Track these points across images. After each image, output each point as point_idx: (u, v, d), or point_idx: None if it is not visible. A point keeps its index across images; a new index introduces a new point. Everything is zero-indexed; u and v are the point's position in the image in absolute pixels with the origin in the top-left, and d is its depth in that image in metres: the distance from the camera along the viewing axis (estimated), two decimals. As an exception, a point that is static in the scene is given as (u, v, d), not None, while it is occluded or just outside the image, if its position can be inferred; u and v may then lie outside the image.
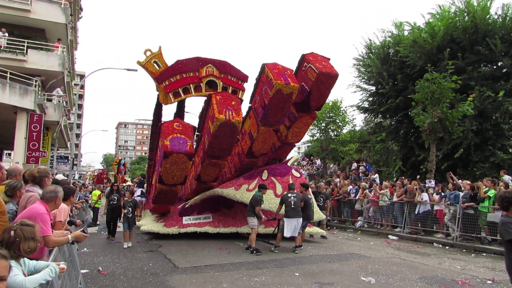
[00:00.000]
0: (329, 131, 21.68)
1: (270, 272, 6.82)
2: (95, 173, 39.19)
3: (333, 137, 21.73)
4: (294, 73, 9.48)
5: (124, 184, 20.63)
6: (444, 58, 16.53)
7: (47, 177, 4.57)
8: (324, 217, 11.37)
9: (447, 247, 10.22)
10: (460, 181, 11.71)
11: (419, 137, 17.26)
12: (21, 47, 16.78)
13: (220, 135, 8.95)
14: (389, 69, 19.27)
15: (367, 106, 21.70)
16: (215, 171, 10.35)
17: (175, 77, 11.36)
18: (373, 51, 20.96)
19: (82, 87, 54.49)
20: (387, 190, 13.27)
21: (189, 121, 10.27)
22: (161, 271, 6.77)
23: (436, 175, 15.05)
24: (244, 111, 10.09)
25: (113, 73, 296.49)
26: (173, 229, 10.27)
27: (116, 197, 10.44)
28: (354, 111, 22.54)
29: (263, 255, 8.25)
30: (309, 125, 11.67)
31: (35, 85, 16.03)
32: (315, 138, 23.55)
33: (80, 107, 58.11)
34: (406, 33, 19.80)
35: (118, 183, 11.20)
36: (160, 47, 11.97)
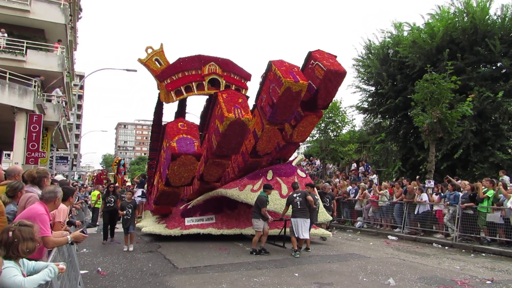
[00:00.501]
0: (329, 131, 21.71)
1: (269, 272, 6.82)
2: (95, 174, 39.17)
3: (333, 138, 21.76)
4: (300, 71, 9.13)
5: (124, 184, 20.59)
6: (443, 58, 16.56)
7: (46, 178, 4.57)
8: (331, 218, 10.80)
9: (446, 247, 10.23)
10: (459, 182, 11.72)
11: (419, 137, 17.27)
12: (20, 48, 16.78)
13: (229, 134, 8.67)
14: (389, 70, 19.29)
15: (367, 106, 21.73)
16: (219, 171, 10.09)
17: (177, 75, 11.15)
18: (373, 51, 20.98)
19: (81, 88, 54.45)
20: (387, 190, 13.28)
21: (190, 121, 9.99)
22: (161, 272, 6.76)
23: (435, 176, 15.07)
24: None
25: (113, 74, 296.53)
26: (175, 231, 9.95)
27: (113, 199, 9.97)
28: (353, 111, 22.62)
29: (262, 256, 8.25)
30: (315, 124, 11.29)
31: (35, 86, 16.02)
32: (314, 138, 23.59)
33: (79, 107, 58.07)
34: (405, 34, 19.83)
35: (114, 185, 10.86)
36: (161, 45, 11.75)
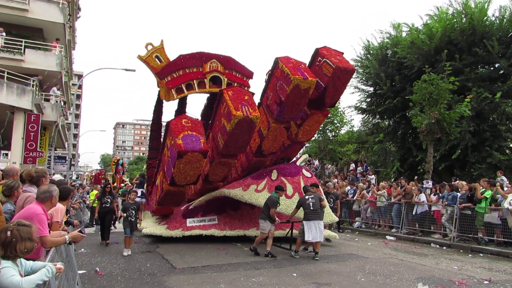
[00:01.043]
0: (327, 131, 21.71)
1: (268, 272, 6.82)
2: (93, 174, 39.09)
3: (331, 138, 21.76)
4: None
5: (122, 184, 20.54)
6: (441, 59, 16.60)
7: (45, 177, 4.57)
8: (337, 219, 10.41)
9: (444, 248, 10.26)
10: (456, 182, 11.76)
11: (417, 138, 17.30)
12: (18, 47, 16.74)
13: (237, 132, 8.44)
14: (387, 70, 19.31)
15: (365, 107, 21.75)
16: (224, 171, 9.81)
17: (177, 73, 10.89)
18: (371, 52, 21.00)
19: (80, 87, 54.28)
20: (385, 190, 13.31)
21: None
22: (159, 272, 6.76)
23: (433, 176, 15.11)
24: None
25: (111, 73, 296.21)
26: (177, 232, 9.66)
27: (109, 200, 9.71)
28: (352, 111, 22.62)
29: (261, 256, 8.22)
30: (321, 123, 10.90)
31: (33, 85, 15.98)
32: (313, 138, 23.58)
33: (77, 107, 57.87)
34: (404, 35, 19.84)
35: (111, 185, 10.64)
36: (162, 41, 11.50)
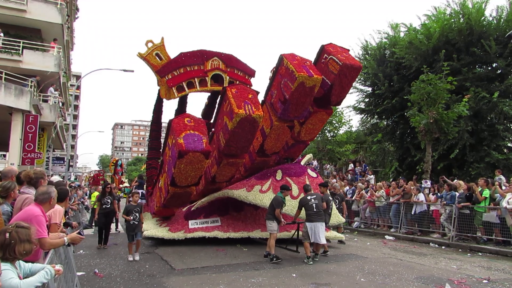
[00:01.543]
0: (326, 132, 21.74)
1: (267, 273, 6.82)
2: (91, 175, 39.02)
3: (330, 138, 21.80)
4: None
5: (121, 185, 20.51)
6: (439, 59, 16.65)
7: (43, 179, 4.56)
8: (343, 220, 10.19)
9: (443, 247, 10.28)
10: (455, 181, 11.79)
11: (415, 137, 17.35)
12: (16, 47, 16.67)
13: (239, 131, 8.21)
14: (385, 70, 19.36)
15: (363, 107, 21.78)
16: (232, 171, 9.58)
17: (178, 71, 10.72)
18: (369, 52, 21.04)
19: (78, 88, 54.22)
20: (383, 190, 13.33)
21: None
22: (158, 273, 6.75)
23: (432, 176, 15.15)
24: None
25: (110, 74, 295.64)
26: (179, 234, 9.41)
27: (109, 200, 9.57)
28: (350, 112, 22.76)
29: (260, 256, 8.22)
30: (325, 122, 10.67)
31: (31, 86, 15.94)
32: (312, 138, 23.57)
33: (76, 108, 57.82)
34: (402, 35, 19.91)
35: (111, 185, 10.57)
36: (162, 38, 11.27)
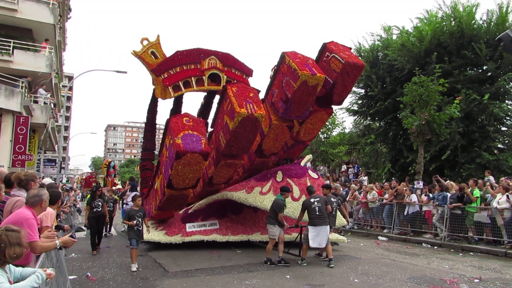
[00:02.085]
0: (319, 133, 21.82)
1: (261, 275, 6.81)
2: (83, 177, 38.66)
3: (323, 140, 21.89)
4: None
5: (114, 187, 20.30)
6: (431, 61, 16.84)
7: (34, 181, 4.48)
8: (345, 222, 9.97)
9: (435, 247, 10.39)
10: (447, 182, 11.92)
11: (408, 139, 17.50)
12: (7, 47, 16.45)
13: (240, 131, 7.99)
14: (378, 72, 19.51)
15: (357, 108, 21.92)
16: (230, 172, 9.33)
17: (174, 69, 10.46)
18: (362, 54, 21.17)
19: (70, 89, 53.67)
20: (375, 192, 13.41)
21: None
22: (151, 276, 6.69)
23: (424, 177, 15.30)
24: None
25: (103, 75, 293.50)
26: (176, 238, 9.12)
27: (100, 203, 9.26)
28: (343, 113, 22.76)
29: (254, 258, 8.22)
30: (325, 122, 10.43)
31: (22, 87, 15.73)
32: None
33: (68, 109, 57.19)
34: (394, 37, 20.11)
35: (102, 188, 10.25)
36: (158, 36, 11.01)
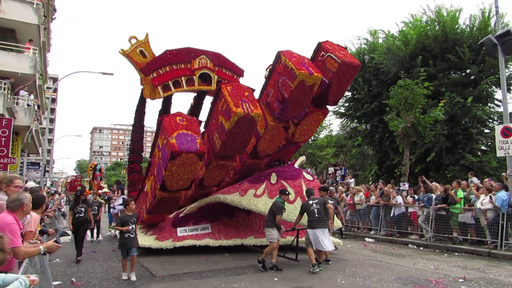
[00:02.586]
0: (307, 135, 21.93)
1: (249, 278, 6.80)
2: (68, 180, 37.92)
3: (310, 142, 22.00)
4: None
5: (100, 191, 19.96)
6: (416, 65, 17.19)
7: (7, 184, 4.34)
8: (341, 225, 9.89)
9: (421, 248, 10.55)
10: (432, 184, 12.14)
11: (394, 141, 17.78)
12: (-12, 48, 16.07)
13: (236, 131, 7.84)
14: (365, 76, 19.78)
15: (343, 111, 22.15)
16: (221, 174, 9.13)
17: (164, 69, 10.26)
18: (349, 57, 21.42)
19: (55, 91, 52.63)
20: (362, 193, 13.56)
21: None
22: (138, 280, 6.60)
23: (409, 178, 15.55)
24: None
25: (88, 77, 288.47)
26: (167, 243, 8.88)
27: (83, 209, 8.82)
28: (330, 116, 22.97)
29: (242, 261, 8.20)
30: (320, 123, 10.26)
31: (4, 88, 15.38)
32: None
33: (52, 111, 56.04)
34: (380, 41, 20.43)
35: (85, 193, 9.92)
36: (147, 35, 10.79)
